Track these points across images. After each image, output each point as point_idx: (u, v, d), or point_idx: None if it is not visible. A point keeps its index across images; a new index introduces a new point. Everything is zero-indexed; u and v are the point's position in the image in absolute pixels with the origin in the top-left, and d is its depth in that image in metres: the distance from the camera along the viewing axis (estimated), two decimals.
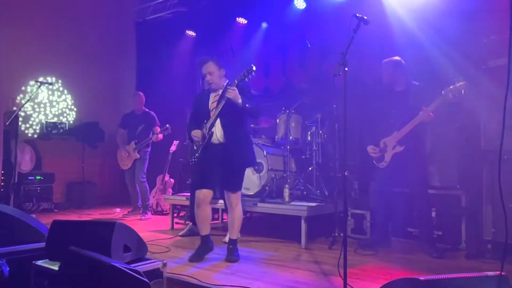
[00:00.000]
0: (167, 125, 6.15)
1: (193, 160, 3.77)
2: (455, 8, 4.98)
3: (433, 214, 4.14)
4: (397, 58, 4.18)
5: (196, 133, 3.75)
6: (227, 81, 3.85)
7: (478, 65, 3.87)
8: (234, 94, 3.52)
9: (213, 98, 3.81)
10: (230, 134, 3.69)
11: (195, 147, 3.83)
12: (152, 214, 6.50)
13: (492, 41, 3.78)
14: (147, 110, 6.50)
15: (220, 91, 3.76)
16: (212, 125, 3.67)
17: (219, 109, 3.62)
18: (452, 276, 1.87)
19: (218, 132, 3.69)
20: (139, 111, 6.48)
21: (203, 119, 3.77)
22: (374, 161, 4.22)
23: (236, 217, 3.83)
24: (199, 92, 4.03)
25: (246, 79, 3.61)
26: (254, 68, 3.57)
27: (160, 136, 6.15)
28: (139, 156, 6.28)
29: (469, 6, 4.78)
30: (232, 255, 3.75)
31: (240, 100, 3.54)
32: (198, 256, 3.75)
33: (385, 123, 4.14)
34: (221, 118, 3.67)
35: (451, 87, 3.66)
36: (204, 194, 3.71)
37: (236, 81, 3.61)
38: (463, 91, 3.65)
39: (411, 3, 5.28)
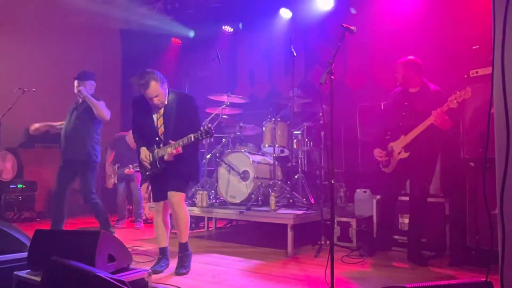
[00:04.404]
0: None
1: (146, 175, 3.71)
2: (439, 18, 5.10)
3: None
4: (411, 57, 4.02)
5: (145, 156, 3.61)
6: (167, 91, 3.67)
7: (461, 74, 3.94)
8: (175, 154, 3.46)
9: (157, 119, 3.65)
10: (179, 154, 3.54)
11: (144, 164, 3.67)
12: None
13: (474, 51, 3.85)
14: None
15: (162, 109, 3.62)
16: (163, 155, 3.55)
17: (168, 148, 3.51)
18: (438, 283, 1.89)
19: (167, 156, 3.54)
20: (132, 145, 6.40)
21: (149, 135, 3.64)
22: (380, 165, 4.05)
23: (181, 219, 3.61)
24: (137, 98, 3.73)
25: (204, 142, 3.45)
26: (213, 131, 3.39)
27: (132, 170, 6.12)
28: (116, 181, 6.32)
29: (453, 16, 4.90)
30: (181, 267, 3.55)
31: (181, 151, 3.46)
32: (159, 268, 3.59)
33: (394, 125, 3.99)
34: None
35: (457, 93, 3.54)
36: (163, 205, 3.73)
37: (192, 138, 3.39)
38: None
39: (396, 13, 5.37)
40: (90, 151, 4.71)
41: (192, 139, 3.39)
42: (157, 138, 3.62)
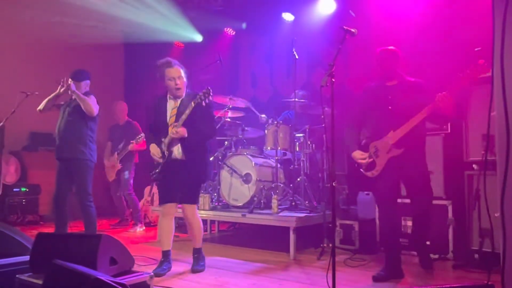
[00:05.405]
0: (141, 134, 5.91)
1: (153, 175, 3.70)
2: (441, 20, 5.09)
3: None
4: (392, 47, 3.66)
5: (155, 152, 3.65)
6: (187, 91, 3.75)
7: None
8: (178, 135, 3.53)
9: (171, 109, 3.70)
10: (188, 151, 3.61)
11: (154, 162, 3.71)
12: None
13: (477, 53, 3.84)
14: (130, 120, 6.47)
15: (179, 102, 3.68)
16: (171, 144, 3.61)
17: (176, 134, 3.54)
18: (440, 285, 1.88)
19: (176, 150, 3.62)
20: (121, 121, 6.45)
21: (160, 130, 3.68)
22: (361, 170, 3.64)
23: (195, 228, 3.78)
24: (157, 98, 3.86)
25: (204, 103, 3.49)
26: (210, 90, 3.50)
27: (135, 146, 6.03)
28: (120, 166, 6.25)
29: (455, 19, 4.89)
30: (197, 265, 3.76)
31: (185, 135, 3.53)
32: (161, 271, 3.60)
33: (378, 123, 3.58)
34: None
35: (468, 71, 3.16)
36: (168, 208, 3.75)
37: (192, 104, 3.50)
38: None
39: (398, 15, 5.37)
40: (83, 149, 4.49)
41: (193, 105, 3.49)
42: (166, 130, 3.64)
